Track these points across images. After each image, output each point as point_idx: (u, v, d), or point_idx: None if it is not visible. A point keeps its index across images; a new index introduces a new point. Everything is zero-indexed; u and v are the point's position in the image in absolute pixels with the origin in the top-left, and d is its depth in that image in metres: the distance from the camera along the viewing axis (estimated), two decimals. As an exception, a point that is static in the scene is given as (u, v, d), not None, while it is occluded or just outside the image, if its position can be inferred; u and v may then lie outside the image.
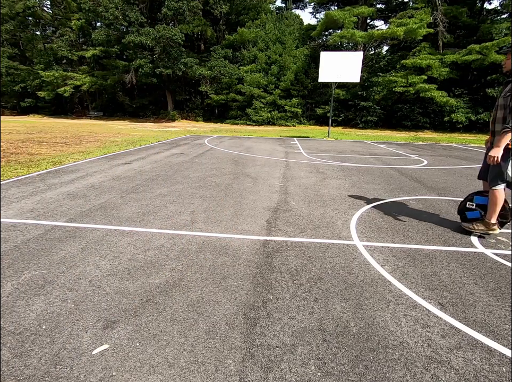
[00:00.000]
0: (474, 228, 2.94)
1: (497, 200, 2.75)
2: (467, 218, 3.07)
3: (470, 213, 3.05)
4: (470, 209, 3.04)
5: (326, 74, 13.82)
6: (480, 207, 2.98)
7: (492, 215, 2.81)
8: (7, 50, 31.73)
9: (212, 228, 3.10)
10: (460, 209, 3.14)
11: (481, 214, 2.97)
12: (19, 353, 1.48)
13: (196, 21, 26.12)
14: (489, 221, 2.85)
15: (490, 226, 2.86)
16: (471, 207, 3.02)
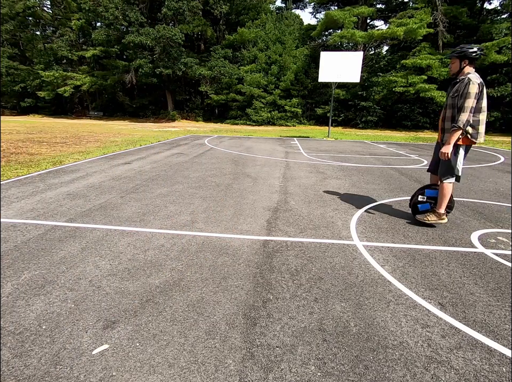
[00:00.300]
0: (428, 219, 3.15)
1: (447, 192, 3.02)
2: (418, 210, 3.27)
3: (421, 205, 3.26)
4: (421, 202, 3.25)
5: (326, 74, 13.82)
6: (430, 199, 3.22)
7: (442, 206, 3.08)
8: (7, 50, 31.73)
9: (212, 228, 3.10)
10: (412, 203, 3.33)
11: (431, 206, 3.22)
12: (19, 353, 1.48)
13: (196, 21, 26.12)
14: (440, 211, 3.10)
15: (441, 216, 3.11)
16: (422, 200, 3.24)
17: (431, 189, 3.20)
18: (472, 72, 2.80)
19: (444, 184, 3.00)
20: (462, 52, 2.78)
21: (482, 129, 2.84)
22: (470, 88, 2.69)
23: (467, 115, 2.73)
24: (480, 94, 2.75)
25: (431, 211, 3.19)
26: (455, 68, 2.88)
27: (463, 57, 2.79)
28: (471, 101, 2.70)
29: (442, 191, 3.03)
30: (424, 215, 3.19)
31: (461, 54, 2.79)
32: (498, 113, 20.96)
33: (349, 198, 4.33)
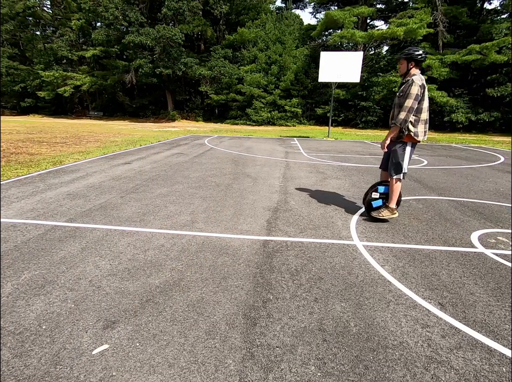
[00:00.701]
0: (382, 215, 3.26)
1: (397, 188, 3.20)
2: (372, 207, 3.37)
3: (375, 202, 3.36)
4: (374, 199, 3.35)
5: (326, 74, 13.81)
6: (383, 195, 3.34)
7: (393, 201, 3.24)
8: (7, 50, 31.73)
9: (212, 228, 3.10)
10: (366, 200, 3.42)
11: (384, 201, 3.34)
12: (19, 353, 1.48)
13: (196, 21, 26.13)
14: (391, 206, 3.26)
15: (393, 211, 3.26)
16: (375, 197, 3.34)
17: (383, 186, 3.33)
18: (418, 74, 2.92)
19: (394, 180, 3.16)
20: (409, 54, 2.90)
21: (423, 129, 3.00)
22: (412, 89, 2.83)
23: (405, 115, 2.89)
24: (422, 95, 2.90)
25: (384, 207, 3.30)
26: (403, 69, 3.00)
27: (410, 59, 2.92)
28: (411, 101, 2.84)
29: (392, 187, 3.19)
30: (378, 211, 3.30)
31: (408, 56, 2.91)
32: (498, 113, 20.95)
33: (349, 198, 4.33)
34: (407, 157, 3.12)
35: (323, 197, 4.37)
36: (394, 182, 3.17)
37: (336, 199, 4.27)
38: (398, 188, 3.20)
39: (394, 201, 3.25)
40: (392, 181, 3.18)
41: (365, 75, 23.50)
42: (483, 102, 21.64)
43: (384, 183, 3.35)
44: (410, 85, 2.85)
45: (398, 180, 3.17)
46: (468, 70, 22.07)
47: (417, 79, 2.85)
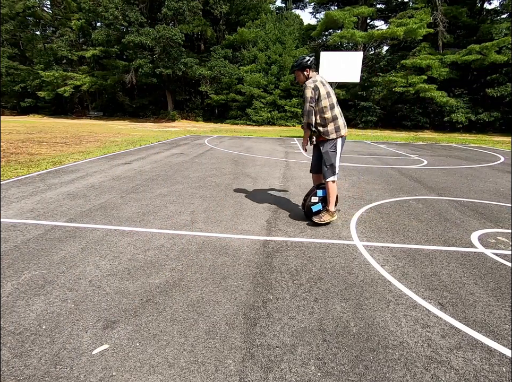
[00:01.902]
0: (324, 219, 3.18)
1: (333, 190, 3.15)
2: (313, 212, 3.26)
3: (315, 206, 3.25)
4: (314, 203, 3.25)
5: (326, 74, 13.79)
6: (321, 200, 3.26)
7: (331, 204, 3.19)
8: (7, 50, 31.72)
9: (212, 228, 3.10)
10: (306, 206, 3.28)
11: (323, 205, 3.26)
12: (19, 353, 1.48)
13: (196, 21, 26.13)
14: (331, 209, 3.20)
15: (333, 214, 3.21)
16: (315, 201, 3.24)
17: (321, 189, 3.26)
18: (314, 76, 3.01)
19: (329, 183, 3.12)
20: (300, 65, 3.01)
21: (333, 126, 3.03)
22: (305, 93, 2.95)
23: (306, 118, 3.01)
24: (317, 96, 2.96)
25: (325, 210, 3.23)
26: (303, 79, 3.07)
27: (303, 68, 3.01)
28: (307, 104, 2.95)
29: (329, 190, 3.14)
30: (319, 216, 3.21)
31: (300, 66, 3.02)
32: (498, 113, 20.96)
33: (349, 198, 4.33)
34: (338, 156, 3.13)
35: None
36: (330, 185, 3.12)
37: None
38: (334, 190, 3.16)
39: (333, 204, 3.20)
40: (328, 184, 3.13)
41: (365, 75, 23.51)
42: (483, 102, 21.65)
43: (322, 186, 3.27)
44: (304, 89, 2.97)
45: (332, 182, 3.13)
46: (468, 70, 22.08)
47: (309, 83, 2.94)
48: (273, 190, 4.62)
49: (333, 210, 3.22)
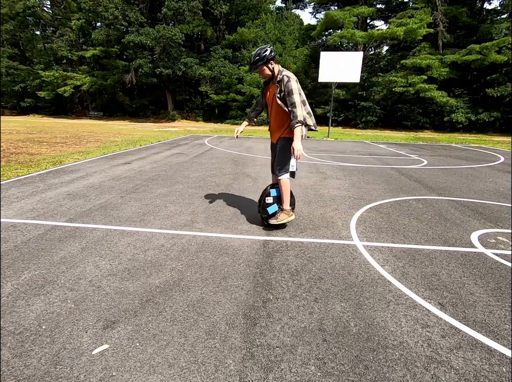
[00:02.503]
0: (280, 219, 2.99)
1: (286, 188, 2.97)
2: (269, 214, 3.05)
3: (270, 208, 3.05)
4: (269, 204, 3.04)
5: (326, 74, 13.82)
6: (276, 199, 3.07)
7: (286, 202, 3.00)
8: (7, 50, 31.72)
9: (212, 228, 3.10)
10: (261, 207, 3.07)
11: (279, 206, 3.07)
12: (19, 353, 1.48)
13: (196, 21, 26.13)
14: (286, 208, 3.01)
15: (289, 213, 3.02)
16: (269, 202, 3.03)
17: (274, 188, 3.09)
18: (283, 69, 2.83)
19: (282, 180, 2.95)
20: (265, 58, 2.75)
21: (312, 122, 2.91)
22: (292, 85, 2.71)
23: (301, 109, 2.74)
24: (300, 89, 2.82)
25: (280, 210, 3.05)
26: (268, 73, 2.83)
27: (267, 61, 2.77)
28: (298, 96, 2.71)
29: (281, 187, 2.97)
30: (276, 217, 3.00)
31: (265, 60, 2.76)
32: (498, 113, 20.97)
33: (349, 198, 4.33)
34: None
35: (323, 197, 4.37)
36: (283, 183, 2.95)
37: (336, 199, 4.27)
38: (287, 187, 2.97)
39: (287, 202, 3.01)
40: (280, 182, 2.96)
41: (365, 75, 23.51)
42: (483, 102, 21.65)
43: (275, 186, 3.10)
44: (288, 82, 2.71)
45: (285, 179, 2.96)
46: (468, 70, 22.09)
47: (290, 74, 2.76)
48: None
49: (289, 208, 3.02)
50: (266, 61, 2.76)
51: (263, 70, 2.82)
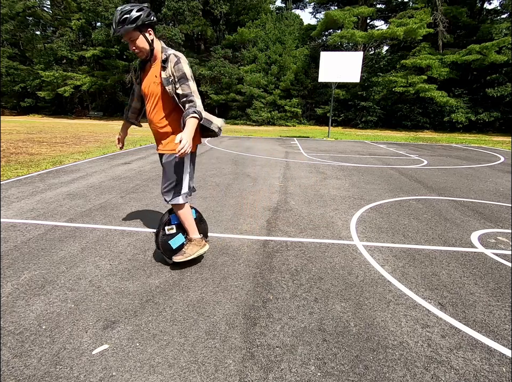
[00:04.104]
0: (189, 254, 2.22)
1: (185, 214, 2.22)
2: (173, 248, 2.26)
3: (174, 240, 2.27)
4: (172, 236, 2.27)
5: (326, 74, 13.82)
6: (180, 228, 2.31)
7: (192, 230, 2.27)
8: (7, 50, 31.70)
9: (212, 228, 3.09)
10: (161, 242, 2.24)
11: (185, 236, 2.32)
12: (19, 353, 1.48)
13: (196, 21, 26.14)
14: (195, 237, 2.28)
15: (201, 242, 2.29)
16: (172, 232, 2.27)
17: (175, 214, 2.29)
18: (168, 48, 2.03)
19: (176, 206, 2.18)
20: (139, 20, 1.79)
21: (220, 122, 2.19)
22: (185, 67, 1.95)
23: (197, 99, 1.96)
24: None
25: (187, 241, 2.29)
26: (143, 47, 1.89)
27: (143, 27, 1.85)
28: (193, 83, 1.99)
29: (179, 216, 2.21)
30: (183, 252, 2.23)
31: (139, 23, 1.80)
32: (498, 113, 20.96)
33: (349, 198, 4.33)
34: (187, 167, 2.13)
35: (323, 197, 4.37)
36: (178, 209, 2.18)
37: (336, 199, 4.27)
38: (186, 214, 2.22)
39: (194, 229, 2.27)
40: (175, 208, 2.20)
41: (365, 75, 23.51)
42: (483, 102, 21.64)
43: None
44: (179, 63, 1.93)
45: (180, 205, 2.17)
46: (468, 70, 22.08)
47: (179, 53, 1.98)
48: (273, 190, 4.62)
49: (199, 237, 2.30)
50: (142, 26, 1.84)
51: (134, 40, 1.85)
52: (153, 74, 2.01)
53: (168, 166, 2.10)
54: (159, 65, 1.99)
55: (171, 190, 2.13)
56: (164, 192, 2.15)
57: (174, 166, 2.09)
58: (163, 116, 2.06)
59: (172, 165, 2.09)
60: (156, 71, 2.00)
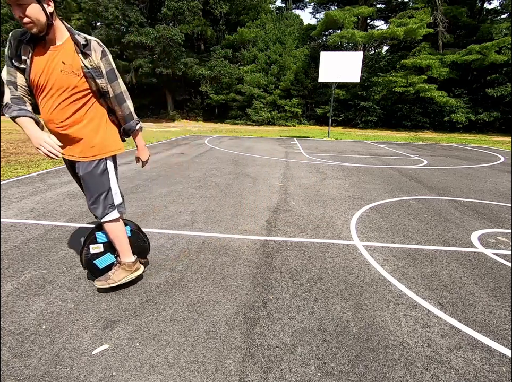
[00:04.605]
0: (114, 281, 1.92)
1: (119, 232, 1.90)
2: (99, 269, 1.99)
3: (101, 260, 1.99)
4: (98, 255, 1.97)
5: (326, 74, 13.82)
6: (109, 248, 2.00)
7: (125, 252, 1.95)
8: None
9: (212, 228, 3.10)
10: (85, 260, 1.96)
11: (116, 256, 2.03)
12: (19, 353, 1.48)
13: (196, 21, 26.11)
14: (127, 261, 1.95)
15: (132, 267, 1.97)
16: (98, 250, 1.97)
17: (102, 231, 1.95)
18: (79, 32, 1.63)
19: (108, 224, 1.86)
20: None
21: None
22: (112, 62, 1.69)
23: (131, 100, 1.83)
24: None
25: (118, 265, 1.97)
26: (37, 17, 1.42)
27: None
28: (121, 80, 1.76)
29: (110, 234, 1.89)
30: (107, 277, 1.93)
31: None
32: (498, 113, 20.96)
33: (349, 198, 4.33)
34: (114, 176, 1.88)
35: (323, 196, 4.36)
36: (111, 227, 1.87)
37: (336, 199, 4.27)
38: (120, 232, 1.91)
39: (126, 250, 1.95)
40: (106, 227, 1.87)
41: (365, 75, 23.50)
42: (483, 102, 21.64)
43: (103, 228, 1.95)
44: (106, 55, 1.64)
45: (114, 220, 1.87)
46: (468, 70, 22.07)
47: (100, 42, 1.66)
48: (273, 190, 4.62)
49: (131, 260, 1.96)
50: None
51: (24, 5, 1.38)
52: (59, 59, 1.55)
53: (90, 177, 1.76)
54: (68, 49, 1.57)
55: (100, 204, 1.81)
56: (93, 208, 1.81)
57: (98, 176, 1.77)
58: (73, 116, 1.65)
59: (96, 175, 1.77)
60: (65, 57, 1.56)
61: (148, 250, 2.19)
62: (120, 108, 1.77)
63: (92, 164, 1.76)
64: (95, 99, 1.70)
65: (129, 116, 1.83)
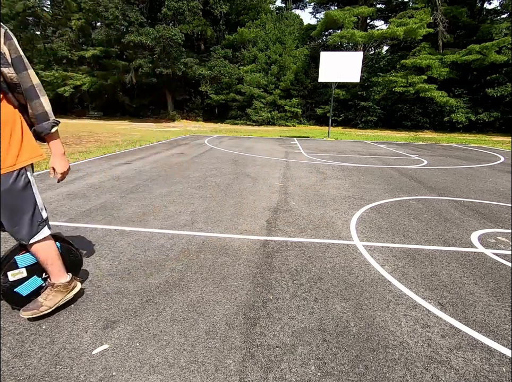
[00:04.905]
0: (48, 307, 1.67)
1: (49, 253, 1.65)
2: (23, 297, 1.71)
3: (24, 286, 1.70)
4: (20, 282, 1.68)
5: (326, 74, 13.82)
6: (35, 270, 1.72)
7: (57, 272, 1.70)
8: (7, 50, 31.67)
9: (212, 228, 3.10)
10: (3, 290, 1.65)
11: (44, 278, 1.76)
12: (19, 353, 1.48)
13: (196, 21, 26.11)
14: (60, 281, 1.70)
15: (68, 287, 1.74)
16: (20, 276, 1.68)
17: (25, 253, 1.68)
18: None
19: (35, 245, 1.59)
20: None
21: None
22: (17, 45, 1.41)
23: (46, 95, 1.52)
24: None
25: (50, 287, 1.70)
26: None
27: None
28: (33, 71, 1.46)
29: (39, 255, 1.62)
30: (38, 304, 1.66)
31: None
32: (498, 113, 20.96)
33: (349, 198, 4.33)
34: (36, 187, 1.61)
35: (323, 197, 4.36)
36: (39, 248, 1.60)
37: (336, 199, 4.27)
38: (50, 249, 1.66)
39: (59, 270, 1.70)
40: (34, 248, 1.60)
41: (365, 75, 23.50)
42: (483, 102, 21.64)
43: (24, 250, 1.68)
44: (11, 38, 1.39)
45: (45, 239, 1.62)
46: (468, 70, 22.08)
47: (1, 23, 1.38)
48: (273, 190, 4.62)
49: (67, 280, 1.73)
50: None
51: None
52: None
53: (10, 194, 1.44)
54: None
55: (25, 224, 1.52)
56: (15, 231, 1.51)
57: (20, 191, 1.48)
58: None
59: (17, 190, 1.46)
60: None
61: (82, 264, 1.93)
62: (31, 105, 1.45)
63: (9, 178, 1.43)
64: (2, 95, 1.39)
65: (43, 115, 1.49)
